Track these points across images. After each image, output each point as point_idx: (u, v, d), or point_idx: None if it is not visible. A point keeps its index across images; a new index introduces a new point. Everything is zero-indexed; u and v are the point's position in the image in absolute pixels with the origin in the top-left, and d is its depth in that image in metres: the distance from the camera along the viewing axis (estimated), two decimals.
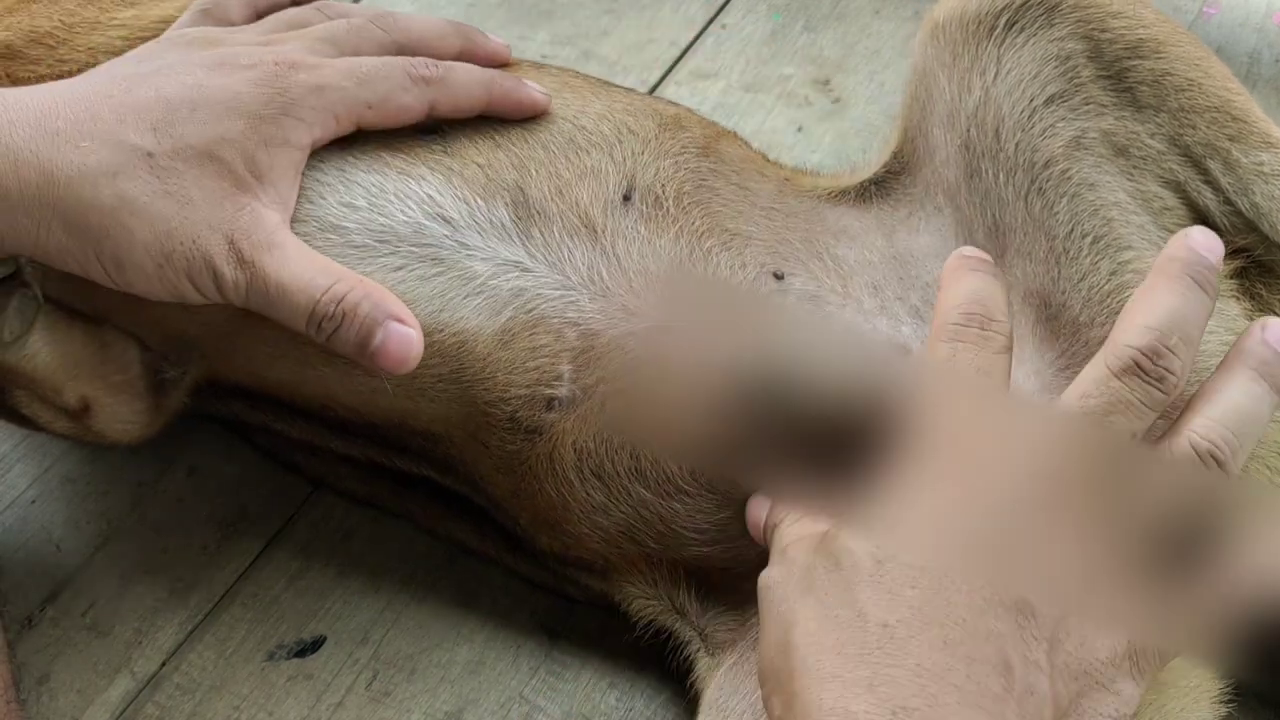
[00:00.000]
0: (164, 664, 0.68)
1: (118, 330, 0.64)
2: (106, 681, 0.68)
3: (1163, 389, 0.52)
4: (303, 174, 0.60)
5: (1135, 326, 0.52)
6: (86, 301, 0.63)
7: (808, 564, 0.50)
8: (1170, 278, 0.53)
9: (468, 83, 0.64)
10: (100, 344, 0.64)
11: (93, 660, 0.68)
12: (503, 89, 0.64)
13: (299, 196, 0.60)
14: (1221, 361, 0.54)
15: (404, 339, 0.57)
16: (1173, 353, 0.52)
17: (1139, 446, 0.52)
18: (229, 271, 0.56)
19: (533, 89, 0.65)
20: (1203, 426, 0.52)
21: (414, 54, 0.65)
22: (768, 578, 0.52)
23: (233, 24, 0.66)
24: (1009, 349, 0.54)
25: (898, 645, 0.46)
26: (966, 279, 0.56)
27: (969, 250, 0.57)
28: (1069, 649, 0.48)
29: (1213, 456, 0.51)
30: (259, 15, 0.68)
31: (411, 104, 0.62)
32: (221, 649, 0.69)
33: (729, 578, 0.62)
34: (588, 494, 0.60)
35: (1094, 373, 0.52)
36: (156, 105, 0.56)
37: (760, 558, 0.55)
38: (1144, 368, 0.51)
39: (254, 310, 0.58)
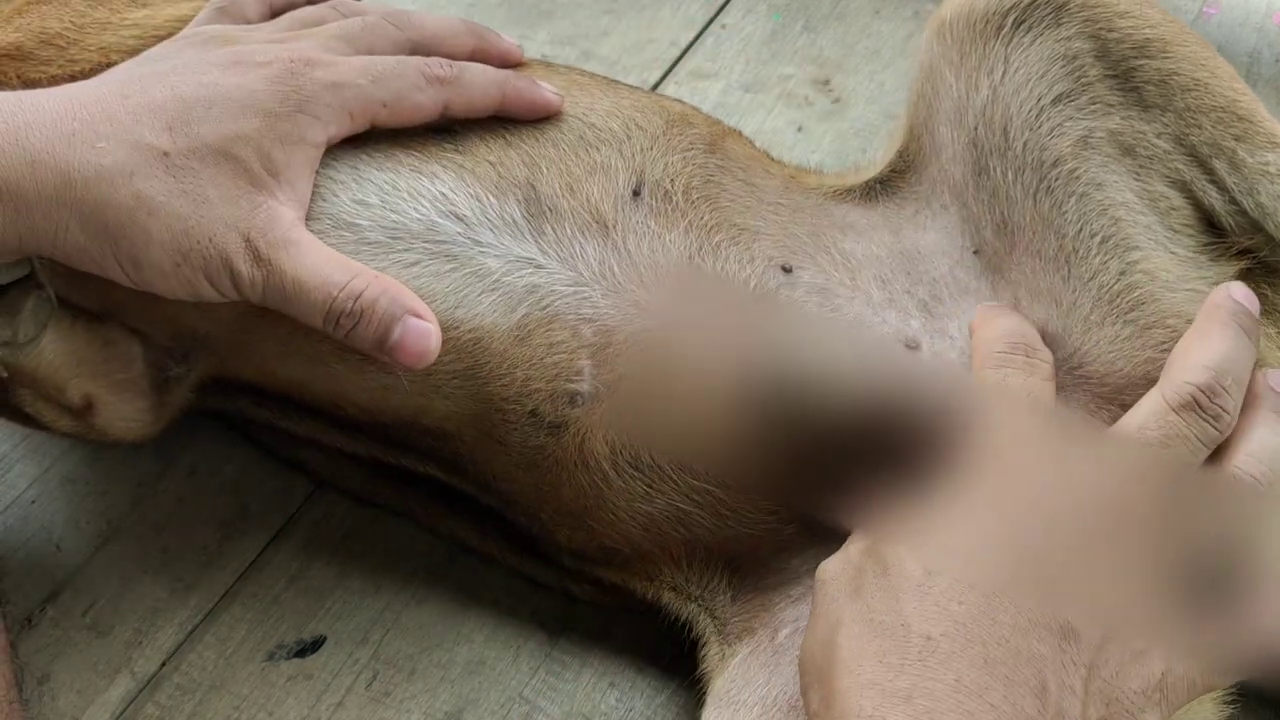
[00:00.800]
0: (164, 664, 0.68)
1: (121, 328, 0.64)
2: (106, 681, 0.67)
3: (1217, 427, 0.54)
4: (316, 171, 0.60)
5: (1193, 365, 0.55)
6: (93, 299, 0.63)
7: (859, 565, 0.51)
8: (1220, 324, 0.56)
9: (482, 83, 0.64)
10: (103, 342, 0.64)
11: (93, 660, 0.68)
12: (516, 89, 0.64)
13: (312, 194, 0.60)
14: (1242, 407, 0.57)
15: (422, 333, 0.57)
16: (1227, 392, 0.54)
17: (1197, 474, 0.54)
18: (246, 269, 0.56)
19: (546, 89, 0.65)
20: (1244, 460, 0.54)
21: (428, 52, 0.65)
22: (825, 570, 0.53)
23: (249, 22, 0.66)
24: (1053, 378, 0.57)
25: (939, 660, 0.47)
26: (1001, 318, 0.59)
27: (993, 303, 0.61)
28: (1105, 675, 0.48)
29: (1257, 488, 0.54)
30: (275, 13, 0.68)
31: (426, 103, 0.62)
32: (221, 649, 0.69)
33: (768, 560, 0.62)
34: (626, 484, 0.61)
35: (1152, 405, 0.54)
36: (172, 104, 0.56)
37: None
38: (1202, 404, 0.54)
39: (271, 308, 0.58)
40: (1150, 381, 0.57)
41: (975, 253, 0.63)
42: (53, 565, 0.72)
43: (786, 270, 0.62)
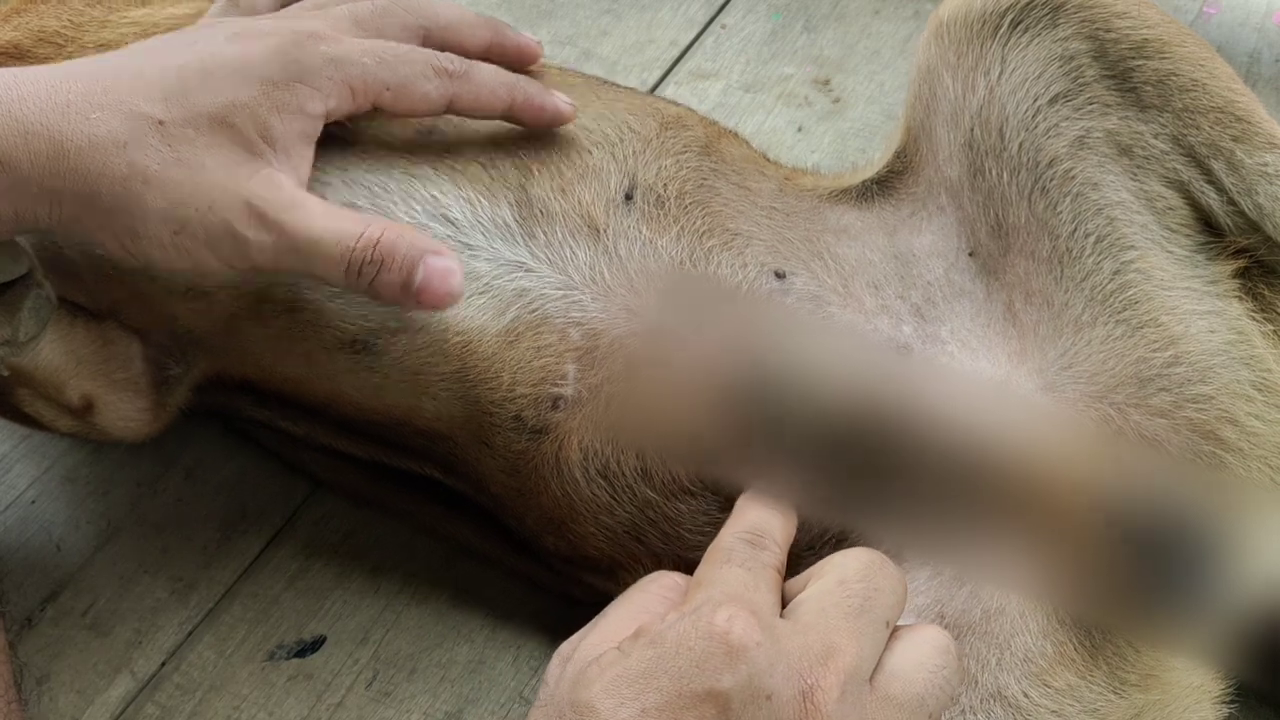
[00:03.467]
0: (164, 664, 0.68)
1: (119, 327, 0.64)
2: (106, 681, 0.67)
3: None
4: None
5: None
6: (90, 297, 0.63)
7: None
8: None
9: (492, 83, 0.62)
10: (102, 341, 0.64)
11: (93, 660, 0.68)
12: (526, 94, 0.63)
13: None
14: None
15: (445, 271, 0.56)
16: None
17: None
18: (252, 235, 0.55)
19: (558, 98, 0.63)
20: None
21: (441, 41, 0.64)
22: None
23: (259, 14, 0.66)
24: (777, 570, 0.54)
25: None
26: (749, 511, 0.57)
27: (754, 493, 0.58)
28: None
29: None
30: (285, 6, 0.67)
31: (432, 93, 0.60)
32: (221, 649, 0.69)
33: None
34: (593, 494, 0.60)
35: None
36: (169, 74, 0.56)
37: None
38: None
39: (286, 271, 0.57)
40: (1141, 380, 0.56)
41: (970, 255, 0.63)
42: (53, 565, 0.72)
43: (779, 276, 0.62)
